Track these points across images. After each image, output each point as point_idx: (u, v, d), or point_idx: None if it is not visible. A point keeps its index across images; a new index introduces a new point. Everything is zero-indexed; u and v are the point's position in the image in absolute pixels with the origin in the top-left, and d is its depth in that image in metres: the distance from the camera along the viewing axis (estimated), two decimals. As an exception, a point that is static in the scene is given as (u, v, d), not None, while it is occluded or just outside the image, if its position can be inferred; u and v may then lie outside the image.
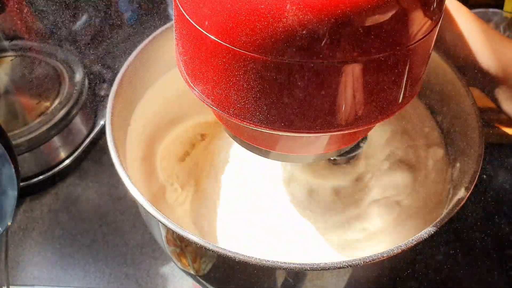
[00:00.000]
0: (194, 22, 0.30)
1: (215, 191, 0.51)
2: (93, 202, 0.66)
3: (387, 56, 0.29)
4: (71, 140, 0.69)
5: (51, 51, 0.67)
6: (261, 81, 0.29)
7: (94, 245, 0.62)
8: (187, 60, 0.33)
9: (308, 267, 0.36)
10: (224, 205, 0.50)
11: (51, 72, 0.67)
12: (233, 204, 0.50)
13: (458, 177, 0.46)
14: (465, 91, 0.48)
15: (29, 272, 0.60)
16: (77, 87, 0.68)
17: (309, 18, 0.26)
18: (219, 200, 0.50)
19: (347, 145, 0.39)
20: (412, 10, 0.28)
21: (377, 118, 0.32)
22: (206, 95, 0.32)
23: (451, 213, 0.39)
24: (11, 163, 0.46)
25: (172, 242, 0.42)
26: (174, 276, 0.59)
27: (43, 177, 0.66)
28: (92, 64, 0.76)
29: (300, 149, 0.38)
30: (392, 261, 0.39)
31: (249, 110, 0.31)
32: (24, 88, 0.62)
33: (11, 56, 0.60)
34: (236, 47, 0.28)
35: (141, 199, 0.39)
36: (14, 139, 0.62)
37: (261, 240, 0.47)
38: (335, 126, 0.31)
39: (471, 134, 0.45)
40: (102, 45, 0.77)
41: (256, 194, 0.50)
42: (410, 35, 0.29)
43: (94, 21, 0.71)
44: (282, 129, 0.31)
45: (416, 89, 0.34)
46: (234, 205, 0.49)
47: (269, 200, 0.49)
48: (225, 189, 0.51)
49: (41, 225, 0.64)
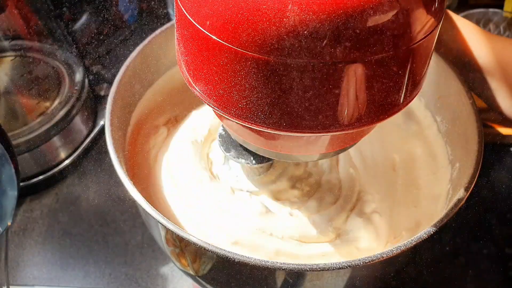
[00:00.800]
0: (195, 22, 0.30)
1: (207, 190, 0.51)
2: (93, 202, 0.66)
3: (389, 56, 0.29)
4: (71, 140, 0.69)
5: (51, 51, 0.67)
6: (262, 81, 0.29)
7: (94, 245, 0.62)
8: (188, 60, 0.33)
9: (307, 268, 0.36)
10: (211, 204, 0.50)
11: (51, 72, 0.67)
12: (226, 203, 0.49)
13: (458, 177, 0.46)
14: (465, 91, 0.48)
15: (29, 272, 0.60)
16: (77, 87, 0.68)
17: (311, 18, 0.26)
18: (209, 199, 0.50)
19: (347, 145, 0.39)
20: (413, 11, 0.28)
21: (378, 118, 0.32)
22: (208, 94, 0.32)
23: (451, 213, 0.39)
24: (11, 163, 0.46)
25: (172, 242, 0.42)
26: (173, 276, 0.59)
27: (43, 177, 0.66)
28: (92, 64, 0.76)
29: (303, 149, 0.38)
30: (391, 261, 0.39)
31: (250, 110, 0.31)
32: (24, 88, 0.62)
33: (11, 56, 0.60)
34: (238, 47, 0.28)
35: (141, 199, 0.39)
36: (14, 139, 0.62)
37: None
38: (337, 126, 0.31)
39: (471, 134, 0.45)
40: (102, 45, 0.77)
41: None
42: (412, 35, 0.29)
43: (94, 21, 0.71)
44: (283, 129, 0.31)
45: (418, 89, 0.34)
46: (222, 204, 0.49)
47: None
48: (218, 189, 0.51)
49: (41, 225, 0.64)
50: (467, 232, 0.60)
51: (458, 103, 0.48)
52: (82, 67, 0.69)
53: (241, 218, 0.45)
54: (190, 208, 0.47)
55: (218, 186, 0.48)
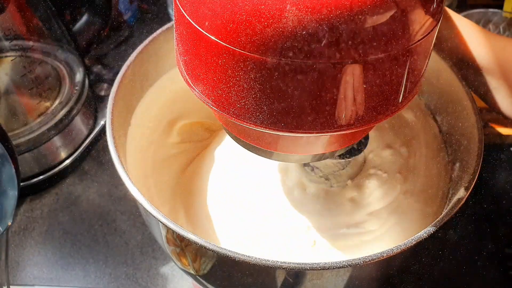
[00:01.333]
0: (194, 22, 0.30)
1: (207, 190, 0.51)
2: (93, 202, 0.66)
3: (388, 57, 0.29)
4: (72, 140, 0.69)
5: (51, 51, 0.67)
6: (261, 81, 0.29)
7: (94, 245, 0.62)
8: (187, 61, 0.33)
9: (307, 267, 0.36)
10: (217, 204, 0.50)
11: (52, 72, 0.67)
12: (225, 204, 0.50)
13: (458, 177, 0.46)
14: (465, 91, 0.48)
15: (29, 272, 0.60)
16: (77, 87, 0.68)
17: (309, 18, 0.26)
18: (212, 199, 0.50)
19: (347, 145, 0.39)
20: (412, 11, 0.28)
21: (377, 118, 0.32)
22: (206, 95, 0.32)
23: (451, 212, 0.39)
24: (12, 163, 0.46)
25: (172, 241, 0.42)
26: (174, 275, 0.59)
27: (44, 177, 0.66)
28: (93, 64, 0.76)
29: (301, 149, 0.38)
30: (392, 261, 0.39)
31: (249, 110, 0.31)
32: (25, 88, 0.62)
33: (11, 56, 0.60)
34: (236, 47, 0.28)
35: (141, 199, 0.39)
36: (15, 139, 0.62)
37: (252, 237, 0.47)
38: (335, 127, 0.31)
39: (471, 134, 0.45)
40: (103, 45, 0.77)
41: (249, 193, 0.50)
42: (411, 35, 0.29)
43: (95, 21, 0.71)
44: (282, 129, 0.31)
45: (417, 89, 0.34)
46: (227, 205, 0.49)
47: (263, 199, 0.49)
48: (219, 188, 0.51)
49: (41, 225, 0.64)
50: (467, 231, 0.60)
51: (458, 102, 0.48)
52: (82, 67, 0.69)
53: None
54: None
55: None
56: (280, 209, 0.48)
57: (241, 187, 0.51)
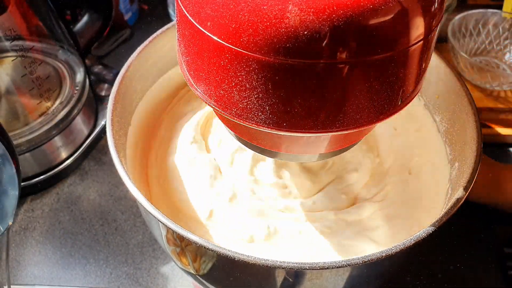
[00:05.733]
0: (196, 22, 0.30)
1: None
2: (93, 202, 0.67)
3: (389, 57, 0.29)
4: (72, 140, 0.69)
5: (52, 51, 0.67)
6: (263, 81, 0.29)
7: (95, 245, 0.62)
8: (189, 61, 0.33)
9: (307, 267, 0.36)
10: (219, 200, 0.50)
11: (52, 72, 0.67)
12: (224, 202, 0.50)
13: (457, 177, 0.46)
14: (464, 91, 0.48)
15: (30, 271, 0.60)
16: (78, 88, 0.68)
17: (312, 19, 0.26)
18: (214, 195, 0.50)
19: (348, 145, 0.40)
20: (413, 11, 0.29)
21: (377, 118, 0.32)
22: (208, 95, 0.33)
23: (450, 212, 0.39)
24: (12, 163, 0.46)
25: (172, 241, 0.42)
26: (174, 275, 0.59)
27: (44, 177, 0.67)
28: (93, 65, 0.76)
29: (303, 149, 0.38)
30: (391, 260, 0.39)
31: (251, 110, 0.31)
32: (25, 88, 0.62)
33: (12, 56, 0.60)
34: (238, 47, 0.28)
35: (141, 198, 0.39)
36: (15, 139, 0.62)
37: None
38: (337, 126, 0.31)
39: (470, 134, 0.45)
40: (103, 46, 0.77)
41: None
42: (412, 36, 0.29)
43: (95, 22, 0.71)
44: (283, 129, 0.31)
45: (417, 89, 0.34)
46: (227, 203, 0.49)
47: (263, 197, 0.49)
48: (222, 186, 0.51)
49: (42, 224, 0.64)
50: (466, 231, 0.60)
51: (458, 103, 0.49)
52: (83, 67, 0.69)
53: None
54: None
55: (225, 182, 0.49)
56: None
57: (241, 186, 0.51)
